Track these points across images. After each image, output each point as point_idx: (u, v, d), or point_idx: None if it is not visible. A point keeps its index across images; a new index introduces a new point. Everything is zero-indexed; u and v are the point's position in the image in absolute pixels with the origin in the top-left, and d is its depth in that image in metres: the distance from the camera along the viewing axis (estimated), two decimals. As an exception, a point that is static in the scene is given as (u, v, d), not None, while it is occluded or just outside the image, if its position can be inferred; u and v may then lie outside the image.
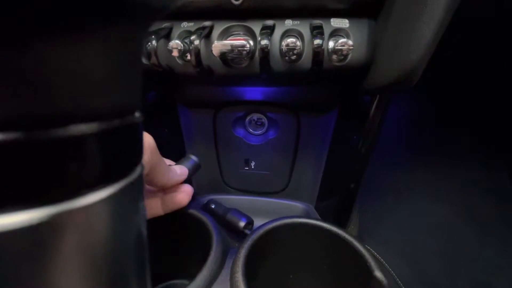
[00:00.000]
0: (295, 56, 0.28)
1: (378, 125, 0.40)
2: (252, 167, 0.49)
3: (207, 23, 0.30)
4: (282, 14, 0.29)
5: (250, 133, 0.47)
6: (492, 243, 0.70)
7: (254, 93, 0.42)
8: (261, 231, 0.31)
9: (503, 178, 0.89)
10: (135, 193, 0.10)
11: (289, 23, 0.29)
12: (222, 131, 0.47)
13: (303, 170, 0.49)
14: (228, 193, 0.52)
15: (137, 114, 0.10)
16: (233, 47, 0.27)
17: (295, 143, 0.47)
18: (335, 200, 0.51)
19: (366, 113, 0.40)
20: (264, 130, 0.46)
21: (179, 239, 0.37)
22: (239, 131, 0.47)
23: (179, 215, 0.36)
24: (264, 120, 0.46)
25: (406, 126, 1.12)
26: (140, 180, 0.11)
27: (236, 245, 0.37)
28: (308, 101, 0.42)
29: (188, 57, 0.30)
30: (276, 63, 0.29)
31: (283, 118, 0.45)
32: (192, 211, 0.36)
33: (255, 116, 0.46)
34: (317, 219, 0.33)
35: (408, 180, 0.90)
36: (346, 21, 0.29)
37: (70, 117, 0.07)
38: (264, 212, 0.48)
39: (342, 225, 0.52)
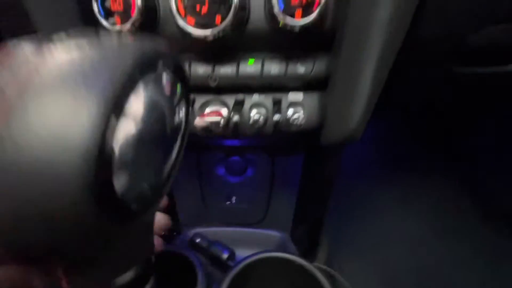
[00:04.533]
0: (260, 124, 0.35)
1: (339, 159, 0.48)
2: (233, 201, 0.55)
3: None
4: (250, 90, 0.36)
5: (230, 172, 0.53)
6: (466, 260, 0.71)
7: (233, 140, 0.49)
8: (238, 268, 0.37)
9: (476, 196, 0.89)
10: None
11: (256, 97, 0.36)
12: (205, 170, 0.53)
13: (278, 202, 0.55)
14: (212, 225, 0.57)
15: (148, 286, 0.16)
16: (211, 123, 0.34)
17: (271, 179, 0.53)
18: (308, 226, 0.58)
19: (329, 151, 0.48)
20: (243, 169, 0.53)
21: (165, 276, 0.42)
22: (221, 170, 0.53)
23: (165, 253, 0.41)
24: (243, 160, 0.53)
25: (379, 144, 1.17)
26: None
27: (221, 275, 0.43)
28: (279, 146, 0.50)
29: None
30: (246, 130, 0.36)
31: (259, 158, 0.52)
32: (178, 249, 0.41)
33: (235, 157, 0.52)
34: (284, 252, 0.39)
35: (382, 198, 0.91)
36: (301, 94, 0.37)
37: None
38: (245, 242, 0.54)
39: (315, 248, 0.59)
